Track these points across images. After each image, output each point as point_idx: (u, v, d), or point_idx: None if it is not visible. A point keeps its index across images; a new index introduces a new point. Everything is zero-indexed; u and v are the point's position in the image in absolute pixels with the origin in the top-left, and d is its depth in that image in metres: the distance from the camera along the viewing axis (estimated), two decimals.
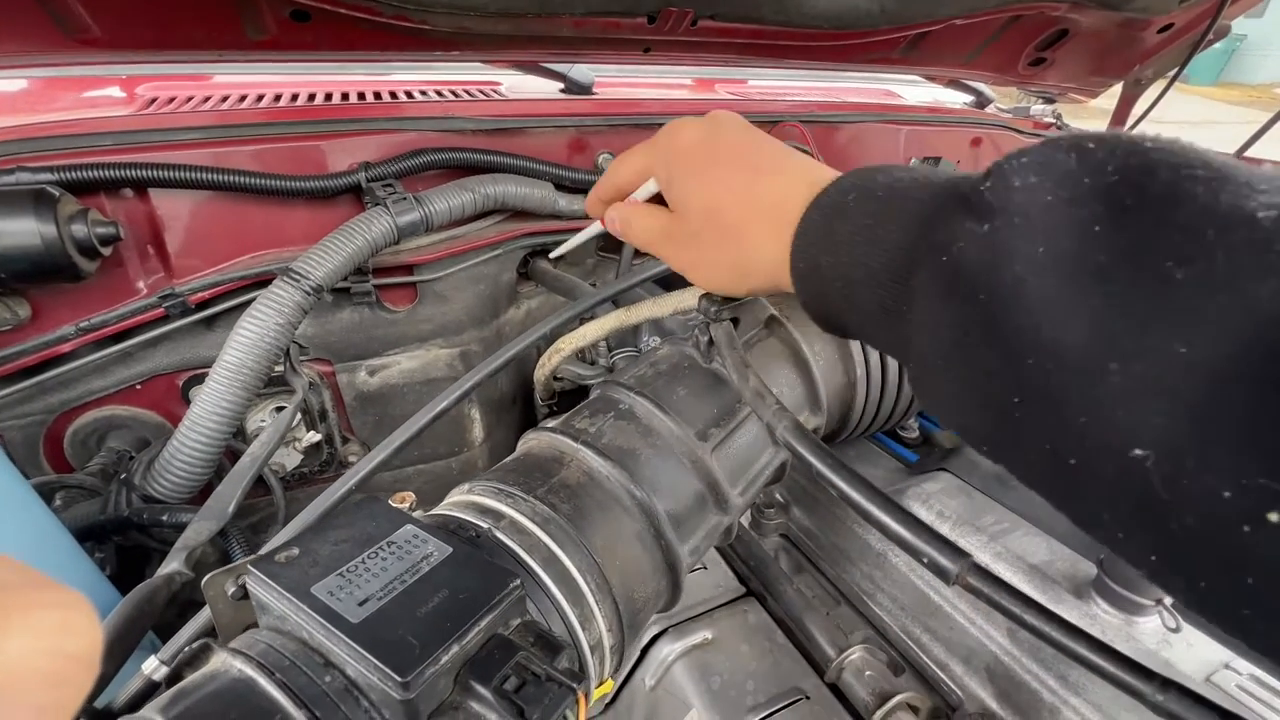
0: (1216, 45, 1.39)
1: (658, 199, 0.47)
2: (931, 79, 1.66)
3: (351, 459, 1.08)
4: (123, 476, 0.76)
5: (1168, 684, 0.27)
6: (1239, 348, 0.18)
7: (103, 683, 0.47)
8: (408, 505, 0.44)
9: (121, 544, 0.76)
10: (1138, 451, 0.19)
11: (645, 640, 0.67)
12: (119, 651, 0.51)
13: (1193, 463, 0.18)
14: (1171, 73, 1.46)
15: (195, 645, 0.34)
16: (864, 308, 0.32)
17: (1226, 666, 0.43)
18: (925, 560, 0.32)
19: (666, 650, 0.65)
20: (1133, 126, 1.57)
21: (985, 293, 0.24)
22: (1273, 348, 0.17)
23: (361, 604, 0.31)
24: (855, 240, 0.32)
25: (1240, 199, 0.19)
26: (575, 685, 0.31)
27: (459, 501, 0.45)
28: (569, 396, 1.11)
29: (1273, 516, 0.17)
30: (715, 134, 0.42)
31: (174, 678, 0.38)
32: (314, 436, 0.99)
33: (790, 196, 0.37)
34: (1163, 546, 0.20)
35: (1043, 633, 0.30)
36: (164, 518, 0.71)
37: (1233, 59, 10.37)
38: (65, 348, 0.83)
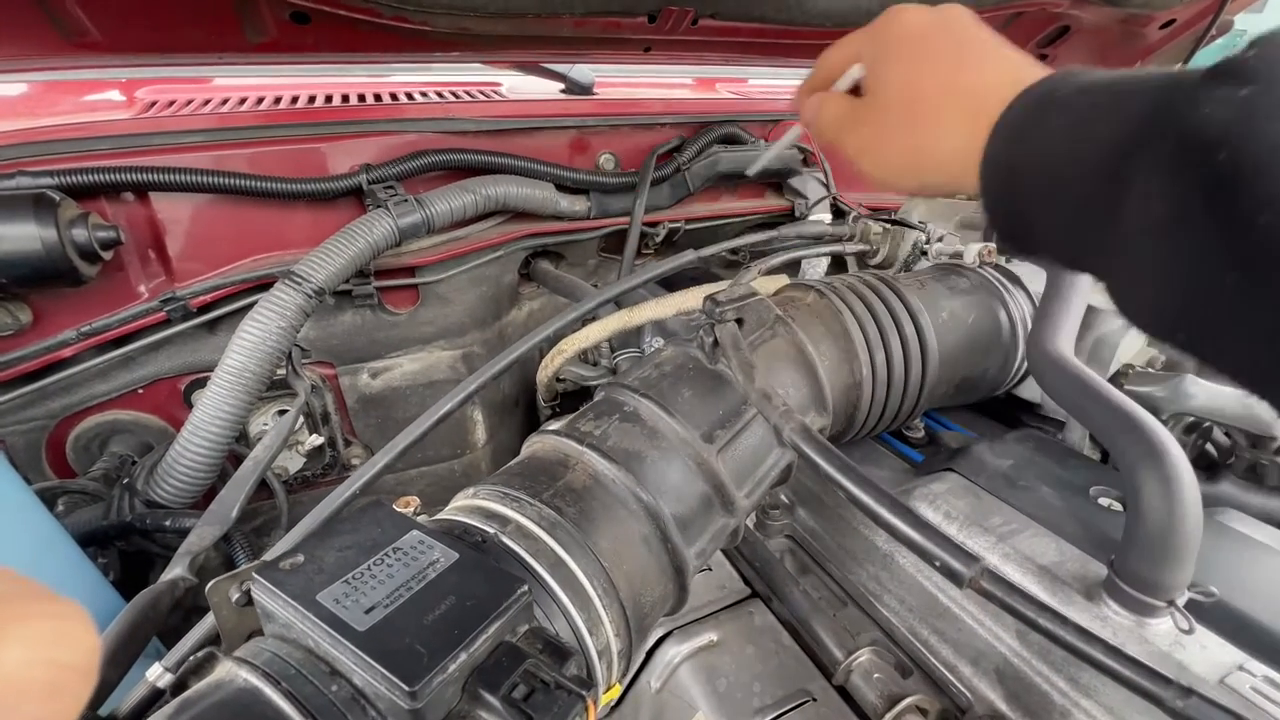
0: (1218, 40, 1.38)
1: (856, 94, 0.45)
2: None
3: (354, 461, 1.08)
4: (125, 481, 0.76)
5: (1188, 691, 0.26)
6: None
7: (107, 689, 0.47)
8: (412, 510, 0.44)
9: (124, 549, 0.76)
10: None
11: (651, 642, 0.66)
12: (124, 658, 0.50)
13: None
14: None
15: (200, 654, 0.34)
16: (1063, 207, 0.31)
17: (1240, 668, 0.42)
18: (938, 564, 0.32)
19: (672, 652, 0.65)
20: None
21: (1231, 153, 0.23)
22: None
23: (368, 611, 0.31)
24: (1068, 133, 0.31)
25: None
26: (584, 693, 0.30)
27: (464, 506, 0.44)
28: (571, 397, 1.11)
29: None
30: (937, 25, 0.41)
31: (179, 686, 0.38)
32: (316, 439, 0.99)
33: (994, 87, 0.35)
34: None
35: (1059, 638, 0.30)
36: (167, 523, 0.71)
37: None
38: (67, 352, 0.83)
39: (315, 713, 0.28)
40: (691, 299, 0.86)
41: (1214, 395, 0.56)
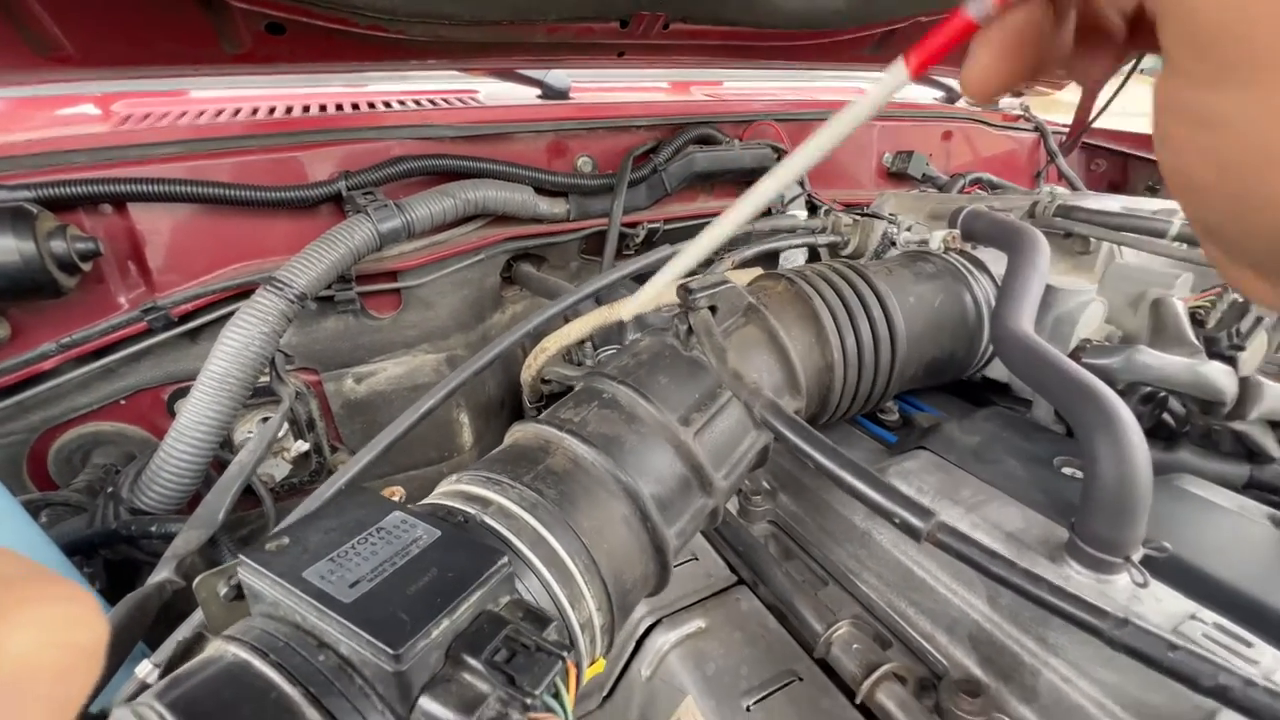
0: None
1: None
2: None
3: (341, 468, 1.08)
4: (109, 490, 0.76)
5: (1124, 621, 0.28)
6: None
7: (96, 689, 0.47)
8: (398, 499, 0.45)
9: (110, 558, 0.76)
10: None
11: (640, 632, 0.67)
12: (112, 659, 0.50)
13: None
14: (1128, 66, 1.51)
15: (189, 636, 0.35)
16: None
17: (1193, 617, 0.45)
18: (896, 520, 0.34)
19: (661, 640, 0.66)
20: (1096, 116, 1.62)
21: None
22: None
23: (353, 585, 0.32)
24: None
25: None
26: (564, 653, 0.32)
27: (447, 491, 0.46)
28: (556, 399, 1.12)
29: None
30: None
31: (167, 675, 0.38)
32: (302, 446, 0.99)
33: None
34: None
35: (1010, 582, 0.31)
36: (153, 528, 0.71)
37: None
38: (46, 365, 0.83)
39: (304, 682, 0.29)
40: (671, 293, 0.88)
41: (1165, 364, 0.58)
